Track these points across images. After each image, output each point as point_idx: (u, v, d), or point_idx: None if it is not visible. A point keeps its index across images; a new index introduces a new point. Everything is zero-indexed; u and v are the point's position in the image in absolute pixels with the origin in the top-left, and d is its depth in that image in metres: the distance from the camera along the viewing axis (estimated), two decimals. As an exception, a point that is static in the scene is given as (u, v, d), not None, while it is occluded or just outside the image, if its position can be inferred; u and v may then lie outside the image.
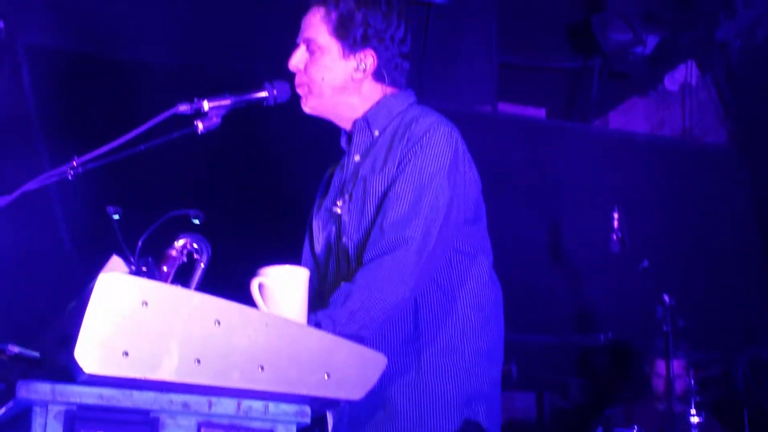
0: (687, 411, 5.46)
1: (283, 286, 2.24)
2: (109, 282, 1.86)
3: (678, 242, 7.05)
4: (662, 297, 5.52)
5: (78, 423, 1.87)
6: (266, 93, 2.73)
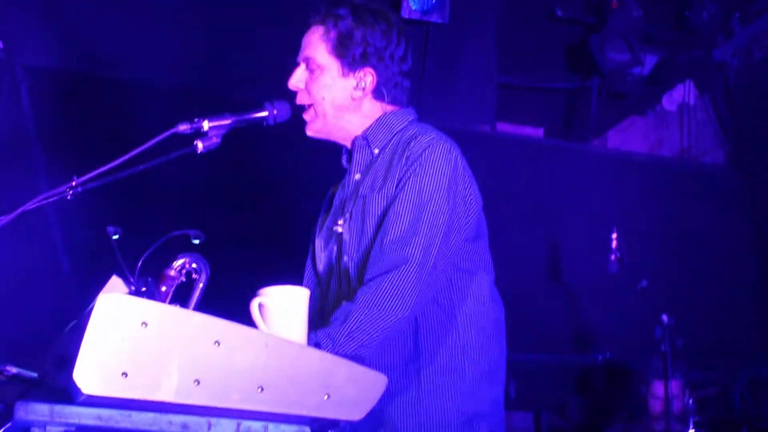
0: (685, 431, 5.45)
1: (283, 307, 2.23)
2: (109, 302, 1.85)
3: (676, 262, 7.05)
4: (661, 317, 5.51)
5: (77, 444, 1.86)
6: (266, 113, 2.73)
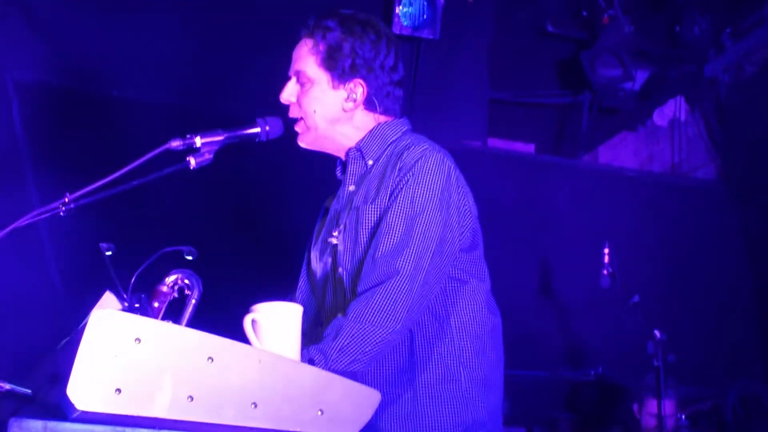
0: (678, 447, 5.46)
1: (277, 323, 2.23)
2: (103, 318, 1.84)
3: (668, 277, 7.05)
4: (653, 332, 5.51)
5: (70, 460, 1.86)
6: (259, 129, 2.74)
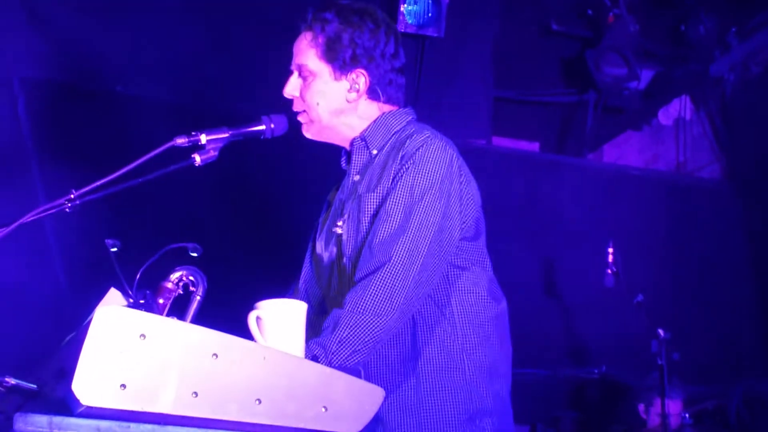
0: (682, 446, 5.46)
1: (281, 320, 2.23)
2: (108, 314, 1.85)
3: (672, 276, 7.06)
4: (657, 331, 5.51)
5: (75, 456, 1.86)
6: (263, 126, 2.74)
